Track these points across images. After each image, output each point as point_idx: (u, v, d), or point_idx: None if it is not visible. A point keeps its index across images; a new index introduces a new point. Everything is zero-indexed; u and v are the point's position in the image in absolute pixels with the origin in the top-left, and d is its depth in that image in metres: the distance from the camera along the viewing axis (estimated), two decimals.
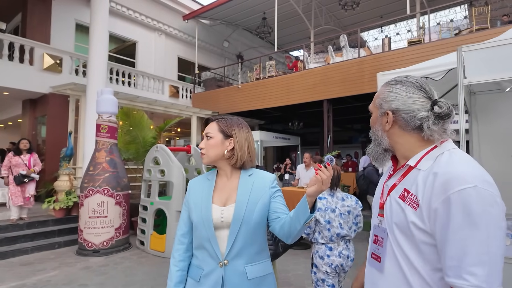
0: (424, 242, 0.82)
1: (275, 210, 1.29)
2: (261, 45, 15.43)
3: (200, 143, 1.35)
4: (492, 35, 4.79)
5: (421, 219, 0.81)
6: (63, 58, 8.52)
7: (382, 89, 0.99)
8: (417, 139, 0.92)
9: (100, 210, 5.04)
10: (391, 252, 0.90)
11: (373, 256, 0.97)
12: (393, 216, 0.90)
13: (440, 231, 0.77)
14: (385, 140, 0.96)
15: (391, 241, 0.90)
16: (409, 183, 0.88)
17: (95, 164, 5.23)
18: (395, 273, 0.88)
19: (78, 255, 5.01)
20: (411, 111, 0.90)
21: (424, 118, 0.88)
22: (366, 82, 8.00)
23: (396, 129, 0.94)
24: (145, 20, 11.87)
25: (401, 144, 0.94)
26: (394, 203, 0.91)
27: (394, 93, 0.94)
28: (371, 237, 1.01)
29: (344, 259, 2.39)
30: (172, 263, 1.31)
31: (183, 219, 1.35)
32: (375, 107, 1.00)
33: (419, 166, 0.88)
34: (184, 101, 11.88)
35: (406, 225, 0.84)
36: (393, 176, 0.97)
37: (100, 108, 5.35)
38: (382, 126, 0.96)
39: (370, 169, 5.75)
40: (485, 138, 3.74)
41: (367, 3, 11.33)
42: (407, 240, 0.85)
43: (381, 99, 0.97)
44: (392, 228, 0.90)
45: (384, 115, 0.95)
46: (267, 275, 1.29)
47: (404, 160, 0.94)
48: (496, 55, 2.51)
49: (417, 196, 0.83)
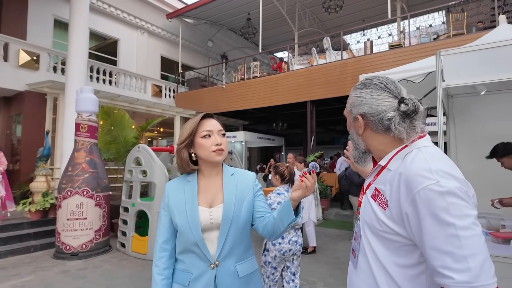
0: (392, 239, 0.83)
1: (258, 209, 1.32)
2: (245, 45, 15.43)
3: (217, 140, 1.25)
4: (468, 41, 4.99)
5: (389, 218, 0.82)
6: (40, 54, 8.22)
7: (351, 94, 0.99)
8: (390, 139, 0.91)
9: (79, 212, 4.88)
10: (363, 248, 0.93)
11: (352, 252, 1.01)
12: (365, 214, 0.92)
13: (417, 234, 0.77)
14: (361, 143, 0.97)
15: (363, 238, 0.93)
16: (380, 183, 0.90)
17: (74, 165, 5.06)
18: (365, 269, 0.91)
19: (55, 258, 4.83)
20: (377, 113, 0.89)
21: (391, 118, 0.87)
22: (348, 84, 8.15)
23: (369, 132, 0.94)
24: (127, 17, 11.63)
25: (375, 146, 0.95)
26: (366, 202, 0.93)
27: (360, 97, 0.94)
28: (354, 234, 1.04)
29: (292, 245, 2.62)
30: (156, 272, 1.25)
31: (163, 224, 1.29)
32: (348, 112, 1.01)
33: (389, 166, 0.88)
34: (167, 101, 11.72)
35: (376, 222, 0.86)
36: (369, 176, 1.00)
37: (79, 107, 5.19)
38: (356, 130, 0.97)
39: (351, 169, 5.84)
40: (462, 139, 3.89)
41: (349, 7, 11.54)
42: (375, 237, 0.88)
43: (350, 104, 0.98)
44: (364, 226, 0.93)
45: (356, 119, 0.96)
46: (254, 272, 1.32)
47: (379, 160, 0.96)
48: (472, 59, 2.60)
49: (385, 196, 0.84)
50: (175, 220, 1.25)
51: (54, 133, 7.61)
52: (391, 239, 0.83)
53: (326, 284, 3.78)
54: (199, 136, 1.26)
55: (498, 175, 3.05)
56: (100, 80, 9.65)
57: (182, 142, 1.27)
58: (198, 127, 1.26)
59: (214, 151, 1.24)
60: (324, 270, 4.27)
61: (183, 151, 1.27)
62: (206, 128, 1.26)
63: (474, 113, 3.85)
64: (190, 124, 1.28)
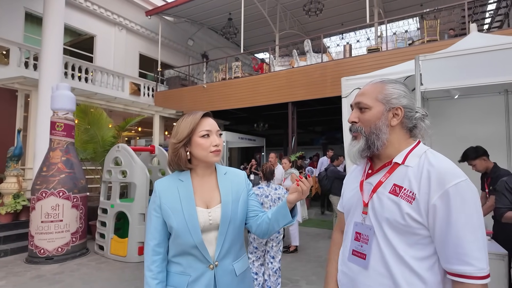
0: (415, 232, 0.88)
1: (252, 208, 1.33)
2: (226, 45, 15.37)
3: (216, 140, 1.24)
4: (441, 47, 5.24)
5: (416, 211, 0.87)
6: (10, 49, 7.81)
7: (382, 86, 1.00)
8: (406, 137, 0.99)
9: (54, 214, 4.68)
10: (376, 248, 0.93)
11: (356, 253, 0.99)
12: (384, 212, 0.92)
13: (440, 224, 0.84)
14: (386, 136, 0.97)
15: (378, 237, 0.93)
16: (398, 179, 0.93)
17: (49, 165, 4.85)
18: (379, 270, 0.92)
19: (28, 263, 4.61)
20: (413, 110, 0.98)
21: (419, 118, 0.98)
22: (328, 86, 8.32)
23: (399, 126, 0.98)
24: (105, 13, 11.28)
25: (393, 141, 0.98)
26: (385, 198, 0.93)
27: (401, 91, 0.99)
28: (351, 235, 1.03)
29: None
30: (150, 276, 1.19)
31: (155, 227, 1.22)
32: (379, 102, 0.98)
33: (406, 162, 0.93)
34: (145, 99, 11.46)
35: (400, 217, 0.88)
36: (376, 174, 1.00)
37: (55, 105, 4.98)
38: (388, 121, 0.97)
39: (332, 168, 5.98)
40: (437, 140, 4.06)
41: (329, 10, 11.78)
42: (397, 233, 0.90)
43: (387, 94, 0.98)
44: (381, 224, 0.93)
45: (393, 110, 0.97)
46: (247, 269, 1.34)
47: (386, 158, 0.98)
48: (448, 65, 2.74)
49: (412, 190, 0.88)
50: (170, 222, 1.20)
51: (25, 132, 7.24)
52: (413, 232, 0.88)
53: (308, 282, 3.84)
54: (197, 135, 1.22)
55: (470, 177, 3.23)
56: (76, 77, 9.30)
57: (181, 141, 1.22)
58: (197, 126, 1.23)
59: (212, 152, 1.23)
60: (306, 268, 4.34)
61: (181, 150, 1.23)
62: (206, 127, 1.23)
63: (448, 116, 4.05)
64: (189, 122, 1.23)
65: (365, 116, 0.99)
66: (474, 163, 3.11)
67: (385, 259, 0.91)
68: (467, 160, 3.13)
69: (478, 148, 3.11)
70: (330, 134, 16.06)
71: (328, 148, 6.80)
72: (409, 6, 11.36)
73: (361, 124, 1.01)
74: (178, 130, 1.24)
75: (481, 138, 3.54)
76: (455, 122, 3.98)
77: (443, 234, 0.84)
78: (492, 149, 3.17)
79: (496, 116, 3.79)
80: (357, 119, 1.02)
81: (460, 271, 0.82)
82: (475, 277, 0.81)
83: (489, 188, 3.09)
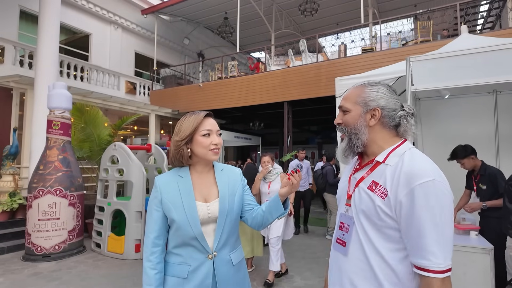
0: (388, 226, 0.95)
1: (248, 202, 1.42)
2: (222, 44, 15.40)
3: (215, 140, 1.32)
4: (434, 47, 5.34)
5: (388, 206, 0.94)
6: (5, 47, 7.77)
7: (361, 89, 1.08)
8: (390, 135, 1.06)
9: (51, 212, 4.71)
10: (356, 237, 1.02)
11: (338, 241, 1.09)
12: (361, 204, 1.01)
13: (404, 219, 0.91)
14: (365, 136, 1.05)
15: (357, 227, 1.02)
16: (377, 176, 1.01)
17: (46, 163, 4.88)
18: (358, 256, 1.01)
19: (25, 261, 4.63)
20: (393, 110, 1.05)
21: (402, 116, 1.04)
22: (322, 86, 8.41)
23: (378, 125, 1.06)
24: (100, 12, 11.24)
25: (376, 141, 1.05)
26: (362, 193, 1.02)
27: (379, 93, 1.06)
28: (337, 225, 1.12)
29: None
30: (149, 266, 1.26)
31: (155, 220, 1.30)
32: (356, 105, 1.07)
33: (387, 161, 1.01)
34: (141, 98, 11.46)
35: (374, 210, 0.97)
36: (361, 170, 1.09)
37: (52, 103, 5.00)
38: (366, 122, 1.05)
39: (328, 168, 6.09)
40: (427, 140, 4.18)
41: (324, 10, 11.87)
42: (371, 225, 0.98)
43: (364, 97, 1.06)
44: (358, 215, 1.02)
45: (370, 111, 1.05)
46: (243, 259, 1.42)
47: (372, 155, 1.06)
48: (438, 66, 2.83)
49: (386, 187, 0.96)
50: (171, 216, 1.28)
51: (21, 131, 7.23)
52: (386, 226, 0.95)
53: (303, 278, 3.93)
54: (199, 134, 1.30)
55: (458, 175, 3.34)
56: (71, 76, 9.27)
57: (184, 139, 1.30)
58: (200, 125, 1.31)
59: (211, 150, 1.30)
60: (301, 264, 4.43)
61: (183, 147, 1.31)
62: (207, 127, 1.31)
63: (438, 116, 4.16)
64: (191, 121, 1.31)
65: (346, 118, 1.09)
66: (462, 162, 3.21)
67: (363, 247, 0.99)
68: (456, 158, 3.23)
69: (467, 147, 3.21)
70: (325, 133, 16.17)
71: (299, 149, 6.83)
72: (403, 7, 11.49)
73: (344, 125, 1.10)
74: (181, 128, 1.32)
75: (471, 137, 3.64)
76: (446, 122, 4.08)
77: (407, 229, 0.91)
78: (481, 147, 3.27)
79: (485, 116, 3.91)
80: (341, 120, 1.11)
81: (420, 264, 0.89)
82: (433, 271, 0.86)
83: (478, 186, 3.19)
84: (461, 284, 2.40)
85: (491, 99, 3.89)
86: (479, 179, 3.17)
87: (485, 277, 2.40)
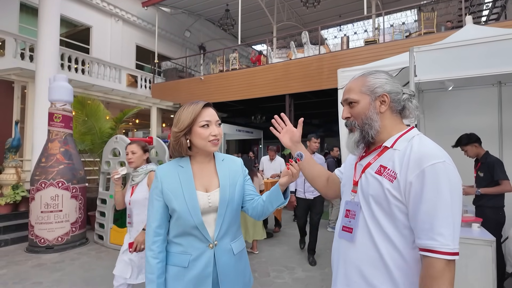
0: (397, 209, 0.94)
1: (248, 192, 1.42)
2: (223, 37, 15.29)
3: (214, 130, 1.30)
4: (437, 39, 5.28)
5: (396, 189, 0.94)
6: (6, 40, 7.75)
7: (364, 79, 1.08)
8: (398, 121, 1.07)
9: (54, 204, 4.74)
10: (363, 223, 1.01)
11: (344, 228, 1.08)
12: (369, 189, 1.01)
13: (413, 200, 0.90)
14: (378, 123, 1.04)
15: (364, 213, 1.02)
16: (385, 160, 1.01)
17: (48, 156, 4.89)
18: (365, 242, 1.00)
19: (28, 252, 4.68)
20: (397, 93, 1.05)
21: (406, 99, 1.06)
22: (325, 78, 8.35)
23: (388, 111, 1.06)
24: (100, 4, 11.17)
25: (386, 127, 1.05)
26: (370, 177, 1.02)
27: (382, 79, 1.06)
28: (342, 213, 1.11)
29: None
30: (151, 255, 1.27)
31: (156, 210, 1.30)
32: (364, 94, 1.06)
33: (395, 146, 1.01)
34: (143, 91, 11.44)
35: (382, 194, 0.96)
36: (367, 157, 1.09)
37: (53, 96, 4.99)
38: (377, 109, 1.05)
39: (330, 160, 6.08)
40: (431, 132, 4.14)
41: (327, 2, 11.73)
42: (381, 209, 0.97)
43: (369, 86, 1.06)
44: (368, 200, 1.01)
45: (379, 98, 1.05)
46: (244, 249, 1.42)
47: (379, 142, 1.06)
48: (442, 57, 2.79)
49: (394, 170, 0.96)
50: (172, 206, 1.28)
51: (22, 123, 7.25)
52: (395, 209, 0.95)
53: (304, 269, 3.94)
54: (198, 125, 1.28)
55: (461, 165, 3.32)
56: (72, 69, 9.26)
57: (182, 130, 1.28)
58: (198, 116, 1.29)
59: (210, 141, 1.29)
60: (302, 256, 4.44)
61: (182, 138, 1.30)
62: (205, 118, 1.29)
63: (442, 108, 4.12)
64: (190, 112, 1.29)
65: (355, 110, 1.07)
66: (465, 149, 3.23)
67: (370, 233, 0.99)
68: (460, 145, 3.25)
69: (471, 135, 3.22)
70: (327, 126, 16.11)
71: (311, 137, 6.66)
72: None
73: (353, 118, 1.09)
74: (180, 119, 1.30)
75: (474, 129, 3.60)
76: (450, 114, 4.05)
77: (415, 209, 0.90)
78: (484, 139, 3.25)
79: (489, 108, 3.87)
80: (349, 114, 1.10)
81: (426, 245, 0.88)
82: (439, 252, 0.85)
83: (477, 173, 3.21)
84: (463, 276, 2.40)
85: (495, 90, 3.85)
86: (479, 166, 3.19)
87: (487, 269, 2.40)
